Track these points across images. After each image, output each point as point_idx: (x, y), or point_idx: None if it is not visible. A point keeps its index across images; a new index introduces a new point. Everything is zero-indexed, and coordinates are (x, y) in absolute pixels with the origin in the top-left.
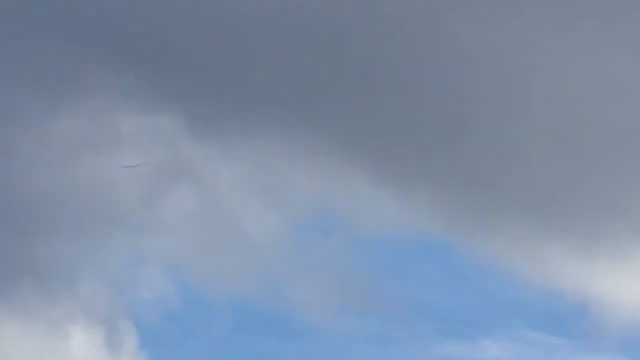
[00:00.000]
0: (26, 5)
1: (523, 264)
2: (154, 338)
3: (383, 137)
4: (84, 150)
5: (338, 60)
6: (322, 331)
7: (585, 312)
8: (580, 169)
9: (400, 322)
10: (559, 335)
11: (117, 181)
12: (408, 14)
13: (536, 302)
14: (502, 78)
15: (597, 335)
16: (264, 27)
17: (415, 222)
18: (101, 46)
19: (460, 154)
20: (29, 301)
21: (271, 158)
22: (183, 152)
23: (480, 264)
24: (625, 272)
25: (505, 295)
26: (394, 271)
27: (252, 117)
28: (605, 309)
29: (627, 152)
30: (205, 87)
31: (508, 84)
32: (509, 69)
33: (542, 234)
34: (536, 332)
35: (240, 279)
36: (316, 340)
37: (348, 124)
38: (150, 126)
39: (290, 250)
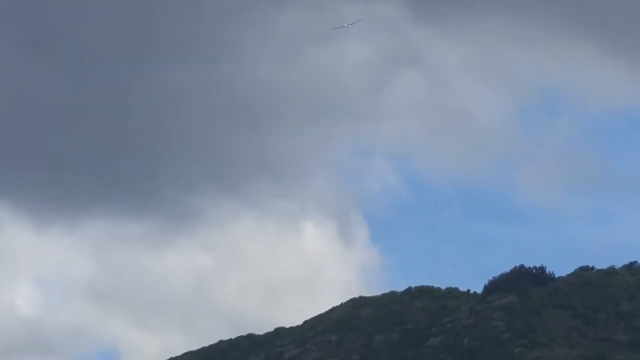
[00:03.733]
0: None
1: None
2: (385, 230)
3: (613, 9)
4: (309, 41)
5: None
6: (549, 213)
7: None
8: None
9: (622, 199)
10: None
11: (344, 70)
12: None
13: None
14: None
15: None
16: None
17: None
18: None
19: None
20: (264, 195)
21: (498, 39)
22: (408, 38)
23: None
24: None
25: None
26: (622, 148)
27: None
28: None
29: None
30: None
31: None
32: None
33: None
34: None
35: (468, 164)
36: (543, 222)
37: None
38: (375, 13)
39: (518, 133)
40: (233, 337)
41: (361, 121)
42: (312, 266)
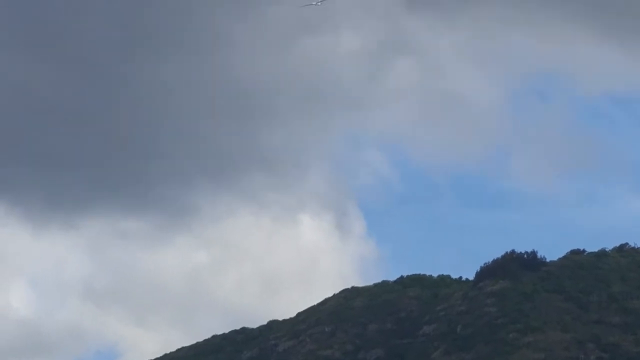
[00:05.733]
0: None
1: None
2: (380, 220)
3: None
4: (301, 32)
5: None
6: (540, 198)
7: None
8: None
9: (612, 181)
10: None
11: (337, 60)
12: None
13: None
14: None
15: None
16: None
17: None
18: None
19: None
20: (260, 189)
21: (490, 24)
22: (400, 25)
23: None
24: None
25: None
26: (613, 131)
27: None
28: None
29: None
30: None
31: None
32: None
33: None
34: None
35: (462, 151)
36: (534, 207)
37: None
38: (367, 2)
39: (512, 118)
40: (228, 331)
41: (355, 111)
42: (310, 259)
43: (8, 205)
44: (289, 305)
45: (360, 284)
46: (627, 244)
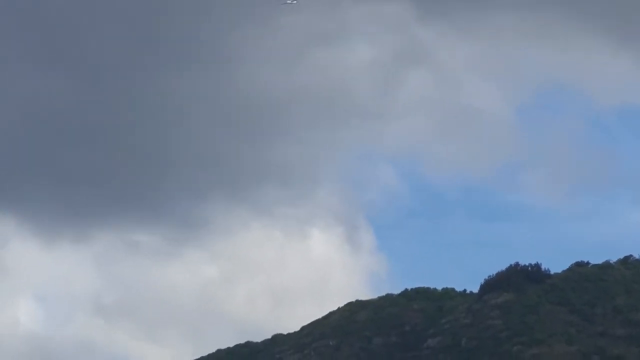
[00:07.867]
0: None
1: None
2: (390, 234)
3: (622, 6)
4: (315, 44)
5: None
6: (544, 210)
7: None
8: None
9: (617, 194)
10: None
11: (350, 72)
12: None
13: None
14: None
15: None
16: None
17: None
18: None
19: None
20: (272, 203)
21: (505, 36)
22: (415, 37)
23: None
24: None
25: None
26: (624, 143)
27: None
28: None
29: None
30: None
31: None
32: None
33: None
34: None
35: (475, 164)
36: (538, 219)
37: None
38: (381, 13)
39: (525, 131)
40: (232, 345)
41: (369, 123)
42: (320, 273)
43: (18, 219)
44: (298, 319)
45: (369, 297)
46: (631, 256)
